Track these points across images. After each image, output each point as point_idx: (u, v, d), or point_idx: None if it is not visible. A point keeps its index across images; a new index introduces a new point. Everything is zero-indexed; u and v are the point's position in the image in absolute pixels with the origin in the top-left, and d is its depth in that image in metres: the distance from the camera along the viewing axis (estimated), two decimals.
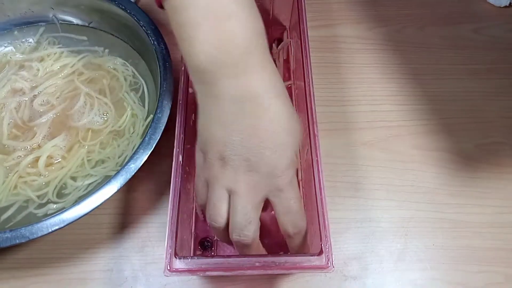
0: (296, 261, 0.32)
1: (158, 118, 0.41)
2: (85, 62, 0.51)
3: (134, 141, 0.46)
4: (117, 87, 0.50)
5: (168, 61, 0.45)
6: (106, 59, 0.52)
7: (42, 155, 0.44)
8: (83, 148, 0.45)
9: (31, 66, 0.50)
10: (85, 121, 0.47)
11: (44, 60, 0.51)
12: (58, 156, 0.45)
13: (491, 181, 0.47)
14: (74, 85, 0.49)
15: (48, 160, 0.45)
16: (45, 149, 0.45)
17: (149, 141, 0.40)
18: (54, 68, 0.51)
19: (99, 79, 0.50)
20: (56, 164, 0.45)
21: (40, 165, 0.44)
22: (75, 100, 0.48)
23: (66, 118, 0.47)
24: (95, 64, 0.51)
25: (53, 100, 0.48)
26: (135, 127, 0.47)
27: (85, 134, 0.46)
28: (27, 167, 0.44)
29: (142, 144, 0.40)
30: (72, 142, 0.46)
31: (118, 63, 0.51)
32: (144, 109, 0.48)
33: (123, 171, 0.38)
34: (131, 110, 0.48)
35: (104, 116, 0.48)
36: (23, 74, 0.50)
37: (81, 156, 0.45)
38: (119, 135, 0.47)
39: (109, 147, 0.46)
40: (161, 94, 0.42)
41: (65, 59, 0.51)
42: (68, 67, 0.51)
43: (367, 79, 0.53)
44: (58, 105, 0.48)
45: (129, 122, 0.47)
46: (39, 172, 0.44)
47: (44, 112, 0.47)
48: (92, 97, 0.48)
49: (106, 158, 0.45)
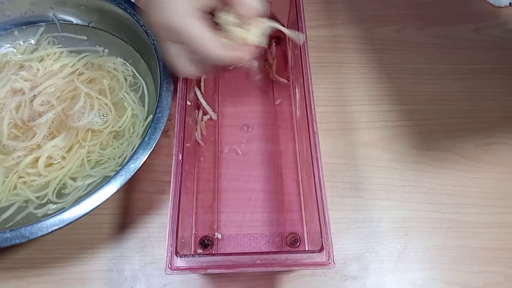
0: (297, 258, 0.32)
1: (158, 118, 0.41)
2: (85, 62, 0.51)
3: (134, 141, 0.46)
4: (117, 87, 0.49)
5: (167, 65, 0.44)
6: (106, 59, 0.52)
7: (42, 155, 0.44)
8: (83, 148, 0.45)
9: (31, 66, 0.50)
10: (85, 121, 0.46)
11: (44, 60, 0.51)
12: (57, 156, 0.45)
13: (491, 181, 0.47)
14: (74, 85, 0.49)
15: (48, 160, 0.44)
16: (45, 150, 0.44)
17: (148, 141, 0.40)
18: (54, 68, 0.51)
19: (99, 79, 0.50)
20: (56, 164, 0.45)
21: (39, 166, 0.44)
22: (75, 100, 0.48)
23: (66, 119, 0.47)
24: (95, 64, 0.51)
25: (53, 100, 0.48)
26: (135, 127, 0.47)
27: (85, 134, 0.46)
28: (26, 167, 0.44)
29: (141, 144, 0.39)
30: (72, 142, 0.46)
31: (118, 63, 0.51)
32: (144, 109, 0.48)
33: (123, 171, 0.38)
34: (131, 111, 0.48)
35: (104, 117, 0.47)
36: (22, 74, 0.49)
37: (81, 157, 0.45)
38: (119, 135, 0.47)
39: (109, 148, 0.46)
40: (161, 94, 0.42)
41: (65, 59, 0.51)
42: (68, 67, 0.50)
43: (367, 79, 0.53)
44: (58, 105, 0.47)
45: (129, 122, 0.47)
46: (38, 173, 0.44)
47: (44, 112, 0.47)
48: (92, 97, 0.48)
49: (106, 159, 0.45)
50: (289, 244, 0.42)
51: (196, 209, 0.44)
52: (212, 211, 0.44)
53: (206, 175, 0.46)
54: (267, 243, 0.42)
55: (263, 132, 0.49)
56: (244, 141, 0.48)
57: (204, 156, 0.47)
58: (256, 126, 0.49)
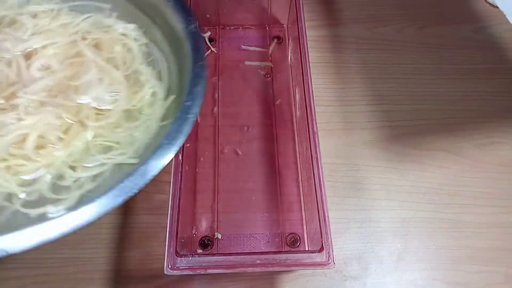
0: (297, 258, 0.32)
1: (187, 107, 0.33)
2: (92, 22, 0.41)
3: (152, 125, 0.36)
4: (128, 58, 0.40)
5: (198, 38, 0.36)
6: (115, 22, 0.41)
7: (31, 132, 0.33)
8: (86, 129, 0.35)
9: (23, 23, 0.39)
10: (90, 96, 0.36)
11: (38, 16, 0.40)
12: (52, 136, 0.34)
13: (491, 181, 0.47)
14: (76, 49, 0.38)
15: (40, 140, 0.34)
16: (35, 125, 0.33)
17: (175, 135, 0.31)
18: (51, 27, 0.39)
19: (108, 44, 0.39)
20: (50, 147, 0.34)
21: (28, 146, 0.32)
22: (82, 69, 0.37)
23: (67, 90, 0.36)
24: (102, 27, 0.41)
25: (55, 64, 0.37)
26: (153, 107, 0.37)
27: (89, 112, 0.36)
28: (10, 147, 0.32)
29: (167, 138, 0.31)
30: (71, 120, 0.35)
31: (130, 28, 0.41)
32: (163, 87, 0.38)
33: (143, 169, 0.30)
34: (151, 88, 0.38)
35: (115, 92, 0.37)
36: (11, 33, 0.38)
37: (84, 139, 0.35)
38: (131, 116, 0.37)
39: (120, 131, 0.36)
40: (193, 76, 0.34)
41: (65, 17, 0.40)
42: (70, 27, 0.40)
43: (367, 79, 0.53)
44: (60, 72, 0.37)
45: (147, 101, 0.38)
46: (27, 156, 0.32)
47: (40, 78, 0.36)
48: (103, 67, 0.38)
49: (115, 144, 0.35)
50: (289, 244, 0.42)
51: (196, 209, 0.44)
52: (212, 211, 0.44)
53: (206, 175, 0.46)
54: (267, 243, 0.42)
55: (263, 132, 0.49)
56: (244, 141, 0.48)
57: (204, 156, 0.47)
58: (256, 126, 0.49)
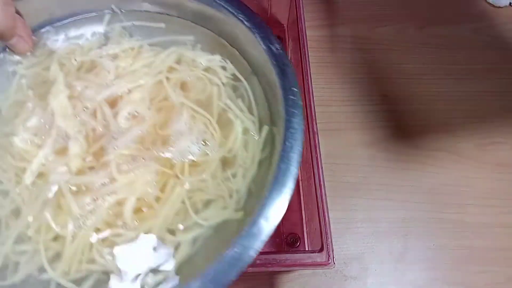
0: (297, 258, 0.32)
1: (289, 146, 0.28)
2: (176, 58, 0.36)
3: (250, 169, 0.31)
4: (215, 94, 0.34)
5: (285, 62, 0.32)
6: (199, 54, 0.37)
7: (128, 196, 0.29)
8: (182, 185, 0.30)
9: (103, 67, 0.35)
10: (178, 149, 0.31)
11: (119, 57, 0.36)
12: (150, 197, 0.29)
13: (491, 181, 0.47)
14: (164, 92, 0.34)
15: (137, 203, 0.29)
16: (132, 187, 0.29)
17: (283, 181, 0.26)
18: (135, 68, 0.35)
19: (193, 83, 0.35)
20: (148, 210, 0.29)
21: (126, 212, 0.28)
22: (172, 115, 0.32)
23: (157, 140, 0.32)
24: (185, 61, 0.36)
25: (143, 111, 0.32)
26: (247, 148, 0.32)
27: (183, 165, 0.31)
28: (106, 216, 0.29)
29: (275, 185, 0.26)
30: (166, 176, 0.30)
31: (216, 60, 0.36)
32: (255, 120, 0.33)
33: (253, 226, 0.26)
34: (242, 124, 0.33)
35: (204, 143, 0.32)
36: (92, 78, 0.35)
37: (180, 197, 0.30)
38: (228, 162, 0.32)
39: (216, 182, 0.31)
40: (287, 107, 0.29)
41: (148, 54, 0.36)
42: (153, 66, 0.36)
43: (367, 79, 0.53)
44: (150, 119, 0.32)
45: (240, 142, 0.32)
46: (123, 223, 0.29)
47: (127, 129, 0.31)
48: (193, 112, 0.33)
49: (214, 197, 0.30)
50: (289, 244, 0.42)
51: None
52: None
53: None
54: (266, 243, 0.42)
55: None
56: None
57: None
58: None
